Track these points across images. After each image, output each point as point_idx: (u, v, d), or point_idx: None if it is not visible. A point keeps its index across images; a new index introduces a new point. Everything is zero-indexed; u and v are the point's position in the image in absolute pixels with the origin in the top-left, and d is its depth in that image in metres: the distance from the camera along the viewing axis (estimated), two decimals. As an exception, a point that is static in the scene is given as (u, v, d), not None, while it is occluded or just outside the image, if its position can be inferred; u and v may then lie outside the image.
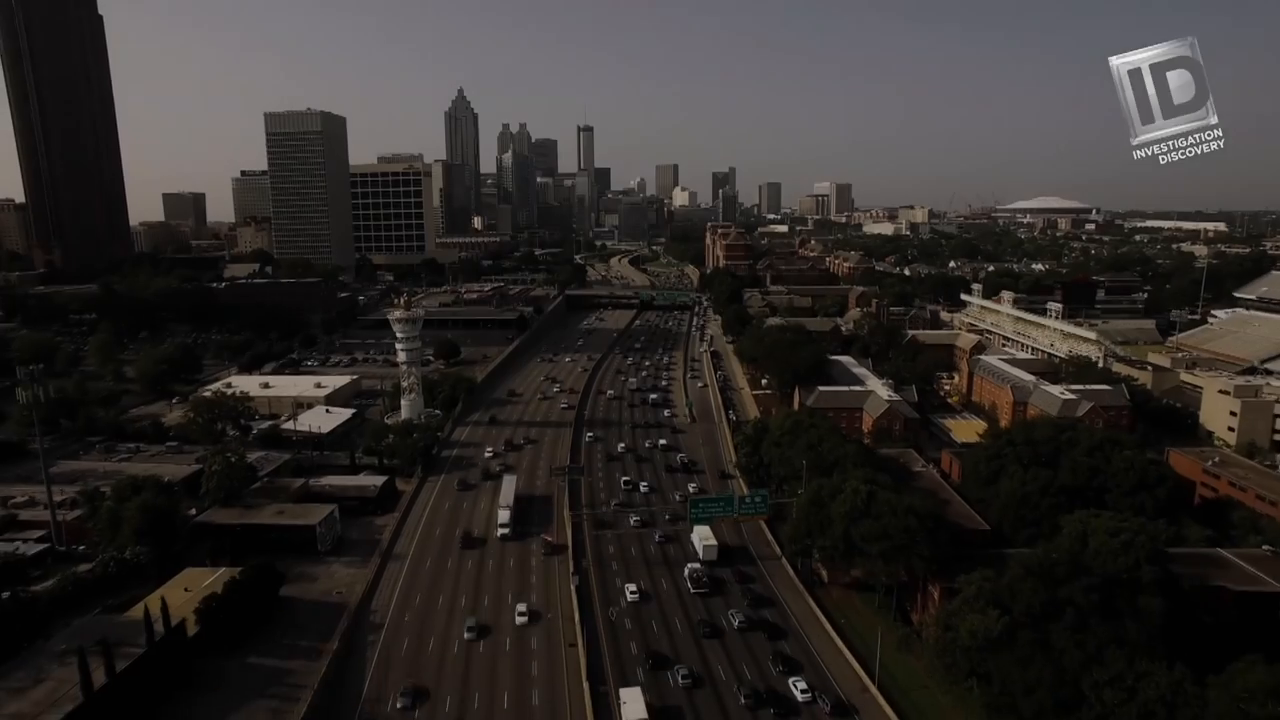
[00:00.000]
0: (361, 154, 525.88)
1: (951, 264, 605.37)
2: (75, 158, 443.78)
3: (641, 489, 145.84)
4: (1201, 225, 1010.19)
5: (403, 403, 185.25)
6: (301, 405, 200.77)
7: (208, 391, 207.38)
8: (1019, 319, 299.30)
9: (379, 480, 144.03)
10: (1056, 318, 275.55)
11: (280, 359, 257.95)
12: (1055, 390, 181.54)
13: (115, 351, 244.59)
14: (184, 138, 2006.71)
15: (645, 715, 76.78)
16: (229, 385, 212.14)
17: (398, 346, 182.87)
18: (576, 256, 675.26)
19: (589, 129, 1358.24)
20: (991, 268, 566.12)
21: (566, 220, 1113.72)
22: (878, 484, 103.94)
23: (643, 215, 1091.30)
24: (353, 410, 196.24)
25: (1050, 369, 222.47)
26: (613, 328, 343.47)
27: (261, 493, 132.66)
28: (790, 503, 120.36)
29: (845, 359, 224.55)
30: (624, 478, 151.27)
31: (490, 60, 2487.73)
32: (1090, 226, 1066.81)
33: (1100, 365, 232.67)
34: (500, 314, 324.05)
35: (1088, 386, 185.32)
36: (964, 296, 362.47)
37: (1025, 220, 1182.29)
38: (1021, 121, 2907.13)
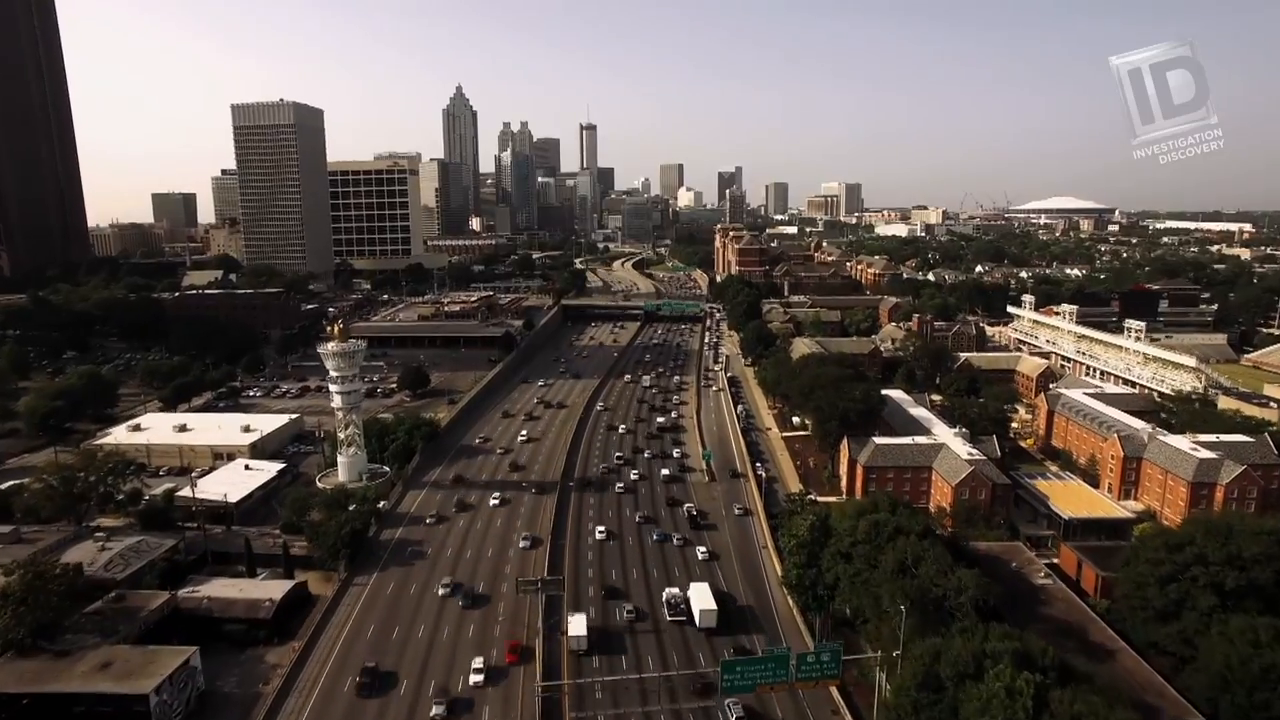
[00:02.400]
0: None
1: (978, 269, 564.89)
2: (24, 152, 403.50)
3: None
4: (1227, 226, 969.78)
5: (339, 460, 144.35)
6: (220, 457, 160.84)
7: (109, 436, 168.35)
8: (1084, 337, 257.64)
9: (281, 589, 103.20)
10: (1137, 337, 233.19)
11: (219, 387, 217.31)
12: (1182, 444, 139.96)
13: (15, 379, 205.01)
14: (183, 138, 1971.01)
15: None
16: (138, 427, 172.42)
17: (332, 389, 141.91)
18: (577, 260, 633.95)
19: (592, 127, 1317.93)
20: (1024, 273, 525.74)
21: (568, 221, 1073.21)
22: (1044, 666, 62.80)
23: (647, 216, 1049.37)
24: (281, 465, 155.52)
25: (1149, 406, 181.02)
26: (614, 344, 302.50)
27: (97, 622, 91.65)
28: (873, 660, 79.22)
29: (897, 394, 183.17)
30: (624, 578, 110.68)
31: (492, 58, 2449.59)
32: (1114, 228, 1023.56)
33: (1200, 398, 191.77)
34: (484, 330, 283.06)
35: (1221, 437, 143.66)
36: (1012, 309, 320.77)
37: (1041, 221, 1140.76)
38: (1028, 121, 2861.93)
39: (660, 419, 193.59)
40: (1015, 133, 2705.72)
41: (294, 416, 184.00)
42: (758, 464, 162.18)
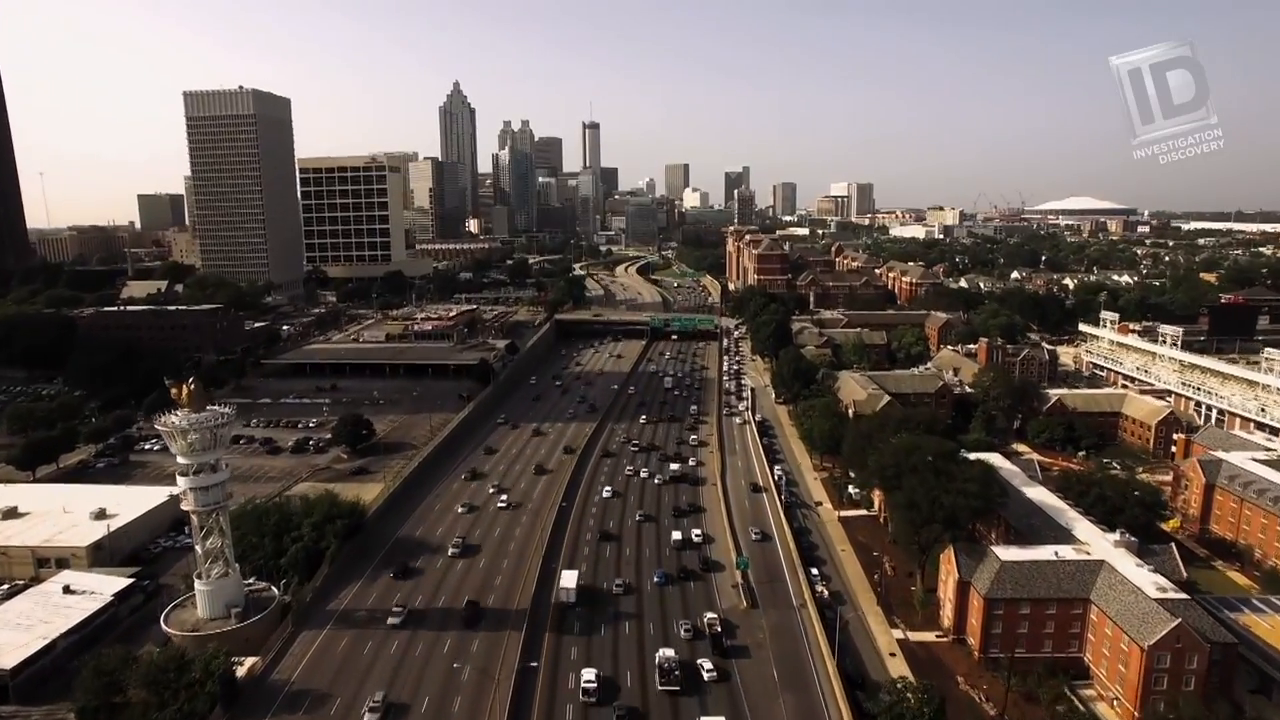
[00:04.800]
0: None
1: (1014, 275, 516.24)
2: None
3: None
4: (1263, 227, 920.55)
5: (196, 588, 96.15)
6: (46, 563, 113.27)
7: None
8: (1193, 366, 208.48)
9: None
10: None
11: (107, 438, 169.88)
12: None
13: None
14: (173, 138, 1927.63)
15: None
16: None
17: (181, 484, 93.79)
18: (576, 265, 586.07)
19: (595, 126, 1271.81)
20: (1068, 280, 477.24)
21: (569, 223, 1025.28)
22: None
23: (652, 217, 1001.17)
24: (129, 579, 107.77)
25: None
26: (614, 370, 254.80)
27: None
28: None
29: (997, 462, 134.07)
30: None
31: (494, 57, 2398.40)
32: (1143, 229, 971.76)
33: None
34: (457, 356, 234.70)
35: None
36: (1086, 328, 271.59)
37: (1059, 221, 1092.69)
38: (1032, 121, 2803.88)
39: (674, 465, 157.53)
40: (1018, 133, 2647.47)
41: (178, 492, 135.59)
42: (812, 570, 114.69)
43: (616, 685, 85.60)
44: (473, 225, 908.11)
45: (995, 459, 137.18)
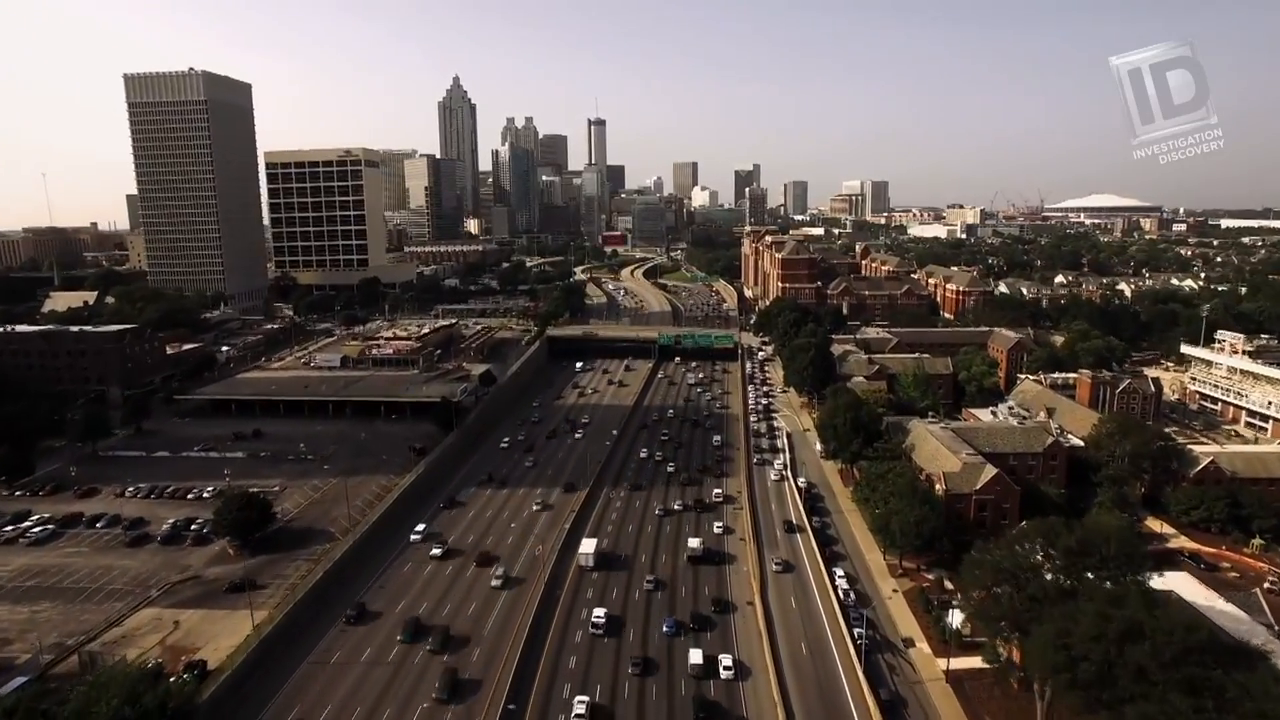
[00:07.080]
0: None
1: (1059, 279, 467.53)
2: None
3: None
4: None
5: None
6: None
7: None
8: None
9: None
10: None
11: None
12: None
13: None
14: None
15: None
16: None
17: None
18: (578, 269, 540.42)
19: (601, 122, 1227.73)
20: (1123, 285, 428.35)
21: (574, 223, 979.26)
22: None
23: (660, 217, 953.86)
24: None
25: None
26: (613, 403, 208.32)
27: None
28: None
29: (1191, 587, 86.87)
30: None
31: (496, 52, 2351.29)
32: (1180, 227, 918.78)
33: None
34: (415, 393, 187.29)
35: None
36: (1188, 350, 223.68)
37: (1082, 219, 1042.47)
38: (1040, 119, 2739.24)
39: (694, 541, 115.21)
40: (1022, 130, 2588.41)
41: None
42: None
43: None
44: (472, 225, 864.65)
45: (1183, 582, 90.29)
